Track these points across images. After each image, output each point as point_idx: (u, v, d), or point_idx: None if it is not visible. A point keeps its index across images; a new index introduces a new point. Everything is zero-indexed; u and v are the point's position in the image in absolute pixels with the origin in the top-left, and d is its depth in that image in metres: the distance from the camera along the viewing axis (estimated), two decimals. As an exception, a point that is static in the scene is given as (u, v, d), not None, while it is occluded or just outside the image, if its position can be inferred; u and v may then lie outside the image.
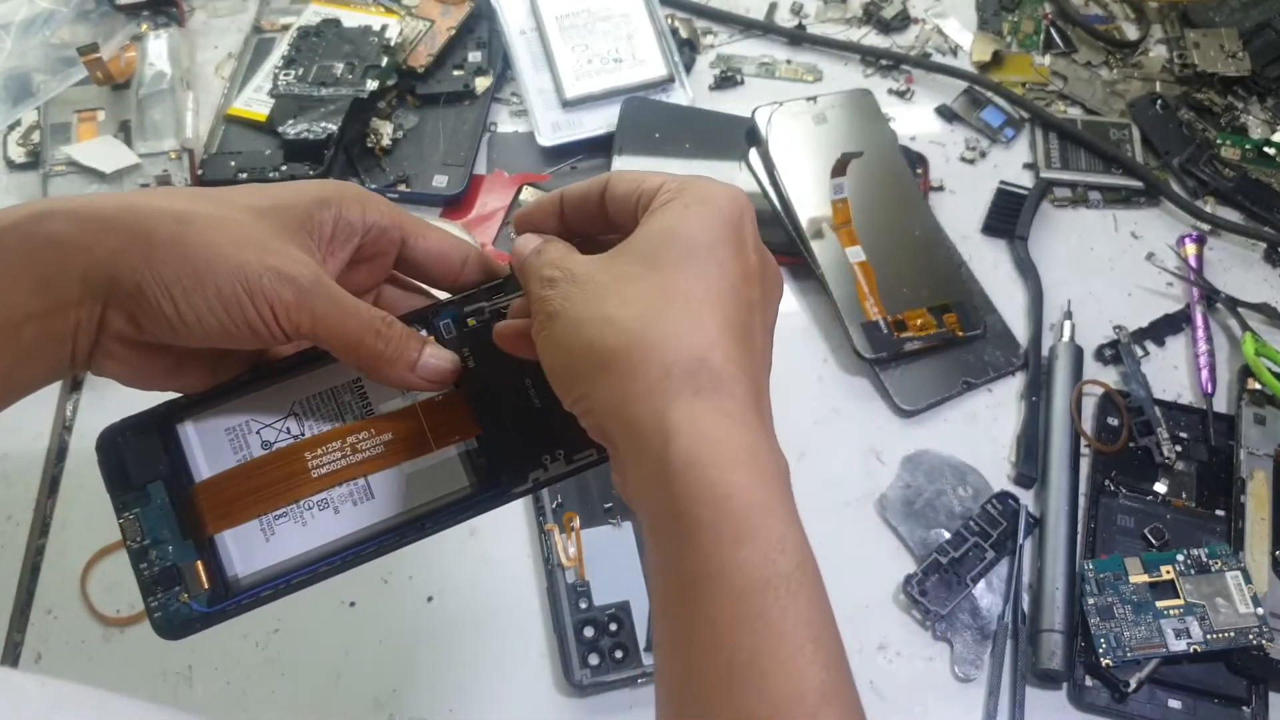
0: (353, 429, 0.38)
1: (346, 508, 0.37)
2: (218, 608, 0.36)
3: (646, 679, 0.54)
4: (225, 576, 0.37)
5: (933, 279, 0.68)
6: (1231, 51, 0.80)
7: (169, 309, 0.33)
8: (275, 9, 0.82)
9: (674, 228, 0.33)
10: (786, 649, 0.28)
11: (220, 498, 0.37)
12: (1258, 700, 0.54)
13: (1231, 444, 0.62)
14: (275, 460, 0.37)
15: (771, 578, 0.29)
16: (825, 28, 0.83)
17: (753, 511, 0.29)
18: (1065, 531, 0.58)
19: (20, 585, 0.57)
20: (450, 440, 0.38)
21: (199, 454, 0.37)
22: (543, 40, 0.77)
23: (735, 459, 0.30)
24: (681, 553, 0.30)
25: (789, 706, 0.28)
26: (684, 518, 0.29)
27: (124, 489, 0.37)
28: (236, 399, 0.38)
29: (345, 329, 0.35)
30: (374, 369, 0.36)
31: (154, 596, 0.36)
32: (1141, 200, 0.75)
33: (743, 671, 0.28)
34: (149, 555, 0.36)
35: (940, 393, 0.65)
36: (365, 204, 0.38)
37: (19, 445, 0.62)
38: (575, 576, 0.56)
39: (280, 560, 0.37)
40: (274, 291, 0.33)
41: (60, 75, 0.74)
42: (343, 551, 0.37)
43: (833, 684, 0.29)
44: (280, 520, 0.37)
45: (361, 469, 0.37)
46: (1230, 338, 0.68)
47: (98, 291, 0.33)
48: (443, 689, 0.54)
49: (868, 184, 0.70)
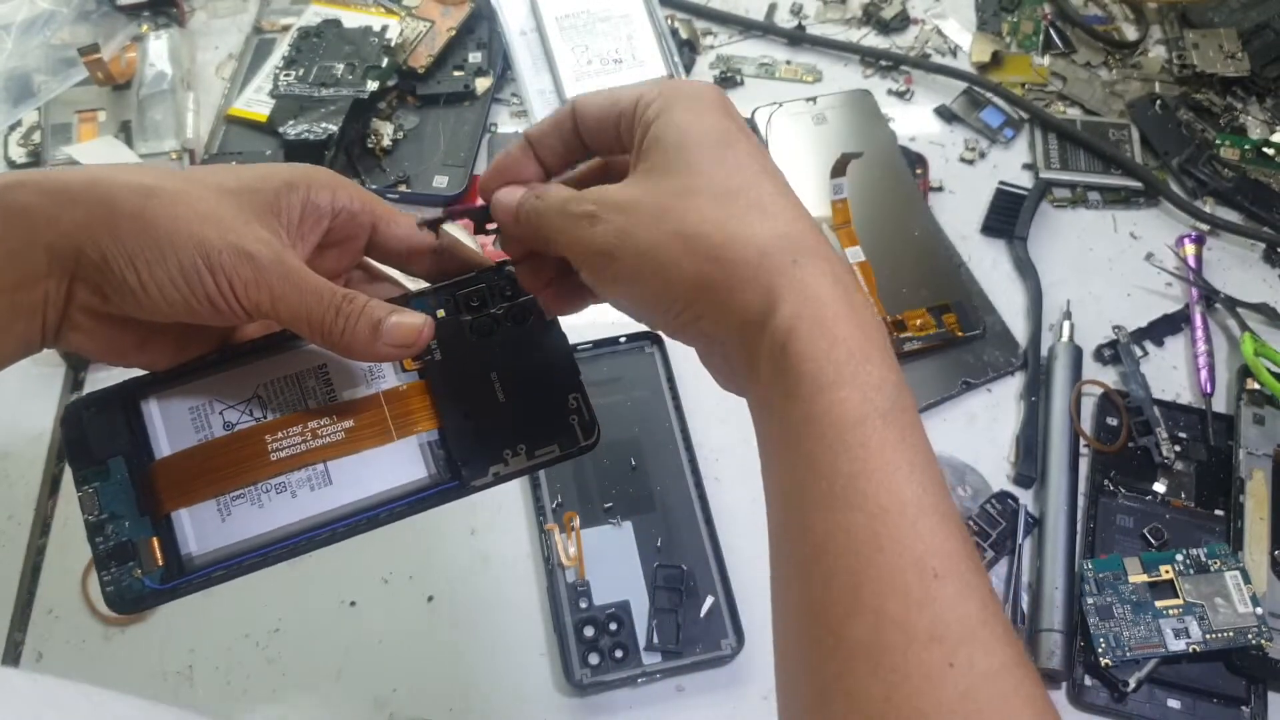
0: (314, 414, 0.38)
1: (304, 492, 0.37)
2: (169, 585, 0.36)
3: (646, 678, 0.54)
4: (179, 554, 0.37)
5: (932, 279, 0.68)
6: (1230, 52, 0.80)
7: (132, 280, 0.33)
8: (276, 9, 0.82)
9: (691, 132, 0.34)
10: (883, 470, 0.30)
11: (179, 476, 0.37)
12: (1257, 700, 0.54)
13: (1230, 444, 0.62)
14: (236, 441, 0.37)
15: (869, 413, 0.30)
16: (825, 28, 0.83)
17: (853, 358, 0.31)
18: (1064, 531, 0.58)
19: (21, 585, 0.57)
20: (412, 430, 0.38)
21: (161, 431, 0.37)
22: (543, 41, 0.78)
23: (837, 313, 0.31)
24: (787, 406, 0.31)
25: (887, 515, 0.29)
26: (790, 373, 0.31)
27: (85, 462, 0.37)
28: (202, 379, 0.38)
29: (305, 308, 0.35)
30: (335, 344, 0.36)
31: (108, 570, 0.36)
32: (1141, 200, 0.75)
33: (843, 491, 0.30)
34: (105, 529, 0.37)
35: (940, 393, 0.65)
36: (335, 188, 0.38)
37: (19, 445, 0.62)
38: (575, 576, 0.56)
39: (235, 541, 0.37)
40: (232, 268, 0.34)
41: (61, 76, 0.74)
42: (297, 536, 0.37)
43: (929, 498, 0.30)
44: (237, 501, 0.37)
45: (321, 454, 0.37)
46: (1229, 338, 0.68)
47: (65, 264, 0.33)
48: (443, 689, 0.54)
49: (867, 184, 0.70)
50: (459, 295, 0.39)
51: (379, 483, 0.38)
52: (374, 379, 0.39)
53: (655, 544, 0.57)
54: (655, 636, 0.54)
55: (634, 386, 0.62)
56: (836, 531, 0.30)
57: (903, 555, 0.29)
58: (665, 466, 0.60)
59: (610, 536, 0.57)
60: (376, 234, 0.40)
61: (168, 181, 0.35)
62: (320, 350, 0.38)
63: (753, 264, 0.32)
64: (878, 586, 0.29)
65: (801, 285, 0.31)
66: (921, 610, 0.28)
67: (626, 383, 0.62)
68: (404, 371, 0.39)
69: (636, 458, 0.60)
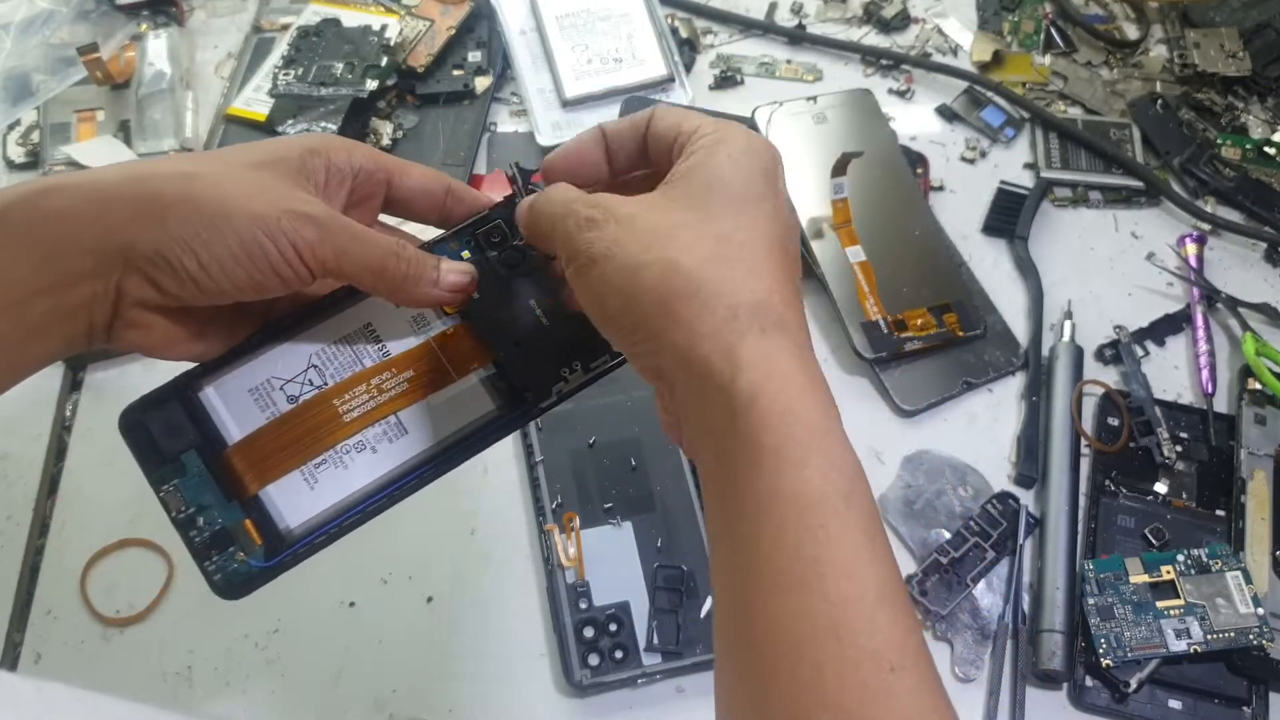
0: (375, 370, 0.39)
1: (383, 446, 0.39)
2: (275, 560, 0.37)
3: (646, 679, 0.54)
4: (277, 529, 0.37)
5: (933, 279, 0.68)
6: (1232, 51, 0.80)
7: (192, 265, 0.33)
8: (275, 9, 0.82)
9: (723, 176, 0.34)
10: (846, 555, 0.30)
11: (256, 455, 0.38)
12: (1258, 700, 0.54)
13: (1232, 444, 0.62)
14: (304, 411, 0.38)
15: (830, 494, 0.30)
16: (825, 27, 0.83)
17: (814, 434, 0.31)
18: (1065, 532, 0.58)
19: (20, 585, 0.57)
20: (469, 369, 0.39)
21: (227, 417, 0.38)
22: (542, 40, 0.77)
23: (799, 389, 0.31)
24: (746, 477, 0.31)
25: (849, 605, 0.29)
26: (750, 444, 0.31)
27: (158, 463, 0.38)
28: (252, 360, 0.39)
29: (369, 256, 0.36)
30: (399, 290, 0.37)
31: (209, 560, 0.37)
32: (1142, 200, 0.75)
33: (804, 576, 0.30)
34: (196, 522, 0.37)
35: (940, 393, 0.65)
36: (350, 149, 0.38)
37: (19, 445, 0.62)
38: (575, 576, 0.56)
39: (328, 506, 0.38)
40: (295, 231, 0.34)
41: (60, 75, 0.74)
42: (387, 487, 0.38)
43: (888, 587, 0.30)
44: (321, 467, 0.38)
45: (391, 406, 0.39)
46: (1230, 338, 0.68)
47: (112, 262, 0.33)
48: (443, 689, 0.54)
49: (868, 184, 0.69)
50: (478, 234, 0.40)
51: (451, 423, 0.39)
52: (421, 329, 0.40)
53: (655, 544, 0.57)
54: (655, 637, 0.54)
55: (634, 386, 0.62)
56: (795, 617, 0.29)
57: (861, 647, 0.29)
58: (665, 466, 0.60)
59: (610, 537, 0.57)
60: (391, 189, 0.40)
61: (204, 165, 0.35)
62: (362, 309, 0.39)
63: (720, 320, 0.32)
64: (839, 679, 0.29)
65: (765, 356, 0.31)
66: (878, 704, 0.28)
67: (626, 383, 0.62)
68: (447, 317, 0.40)
69: (636, 458, 0.60)
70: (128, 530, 0.58)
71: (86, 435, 0.62)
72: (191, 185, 0.34)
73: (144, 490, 0.59)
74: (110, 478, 0.60)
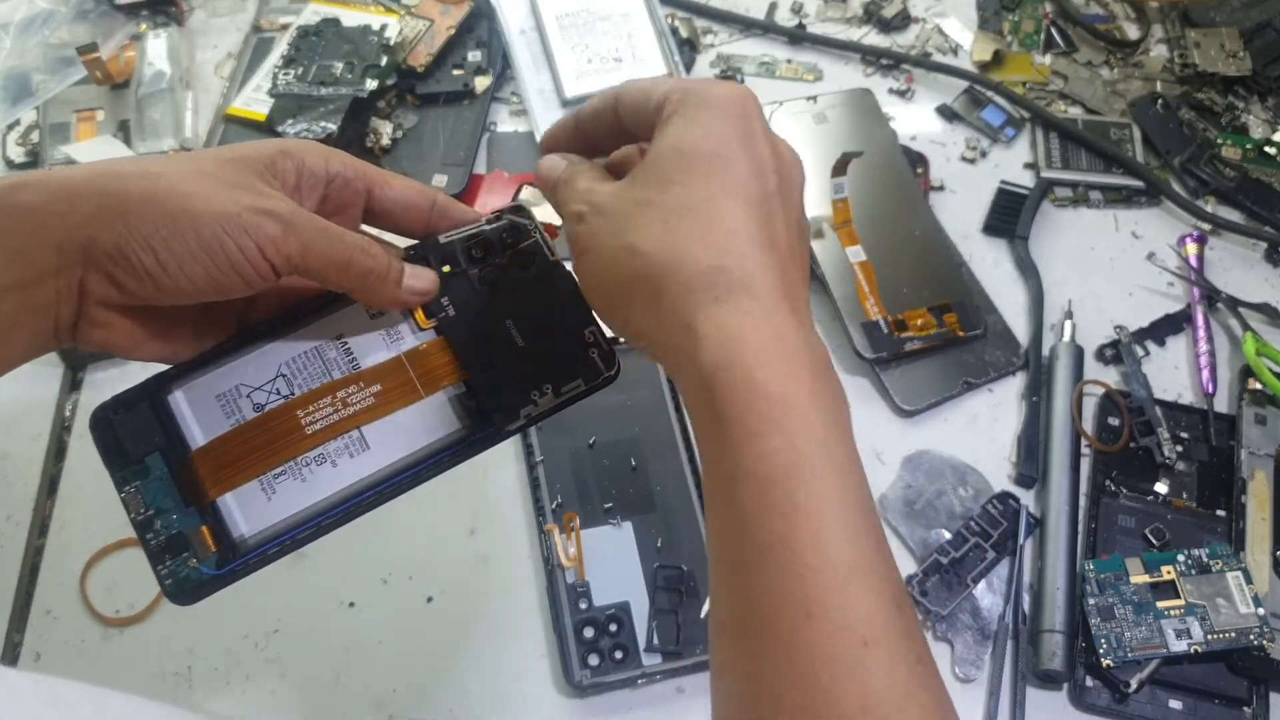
0: (341, 383, 0.38)
1: (344, 460, 0.38)
2: (227, 569, 0.37)
3: (646, 679, 0.54)
4: (231, 538, 0.37)
5: (933, 279, 0.68)
6: (1232, 51, 0.80)
7: (150, 263, 0.33)
8: (275, 8, 0.82)
9: (680, 142, 0.34)
10: (813, 528, 0.29)
11: (218, 462, 0.37)
12: (1258, 701, 0.54)
13: (1232, 444, 0.62)
14: (269, 420, 0.38)
15: (798, 464, 0.29)
16: (825, 27, 0.83)
17: (775, 404, 0.30)
18: (1066, 532, 0.58)
19: (19, 585, 0.57)
20: (438, 385, 0.39)
21: (192, 422, 0.38)
22: (542, 40, 0.77)
23: (758, 357, 0.30)
24: (720, 452, 0.31)
25: (818, 578, 0.29)
26: (719, 418, 0.30)
27: (122, 464, 0.38)
28: (222, 365, 0.38)
29: (335, 251, 0.35)
30: (366, 287, 0.37)
31: (163, 564, 0.37)
32: (1142, 200, 0.75)
33: (773, 553, 0.29)
34: (154, 525, 0.37)
35: (940, 393, 0.65)
36: (326, 155, 0.38)
37: (19, 445, 0.62)
38: (575, 577, 0.56)
39: (284, 517, 0.37)
40: (257, 228, 0.33)
41: (59, 75, 0.74)
42: (345, 503, 0.38)
43: (862, 557, 0.29)
44: (280, 479, 0.38)
45: (354, 421, 0.38)
46: (1231, 338, 0.68)
47: (75, 258, 0.33)
48: (443, 689, 0.54)
49: (868, 183, 0.69)
50: (461, 248, 0.40)
51: (415, 440, 0.38)
52: (393, 342, 0.39)
53: (655, 544, 0.57)
54: (655, 637, 0.54)
55: (634, 386, 0.62)
56: (765, 593, 0.29)
57: (834, 621, 0.28)
58: (665, 466, 0.59)
59: (610, 537, 0.57)
60: (373, 199, 0.40)
61: (172, 165, 0.35)
62: (335, 320, 0.39)
63: (676, 296, 0.31)
64: (810, 653, 0.28)
65: (720, 325, 0.31)
66: (851, 678, 0.28)
67: (626, 383, 0.62)
68: (421, 331, 0.39)
69: (636, 458, 0.60)
70: (128, 530, 0.57)
71: (86, 435, 0.62)
72: (155, 183, 0.33)
73: (144, 490, 0.59)
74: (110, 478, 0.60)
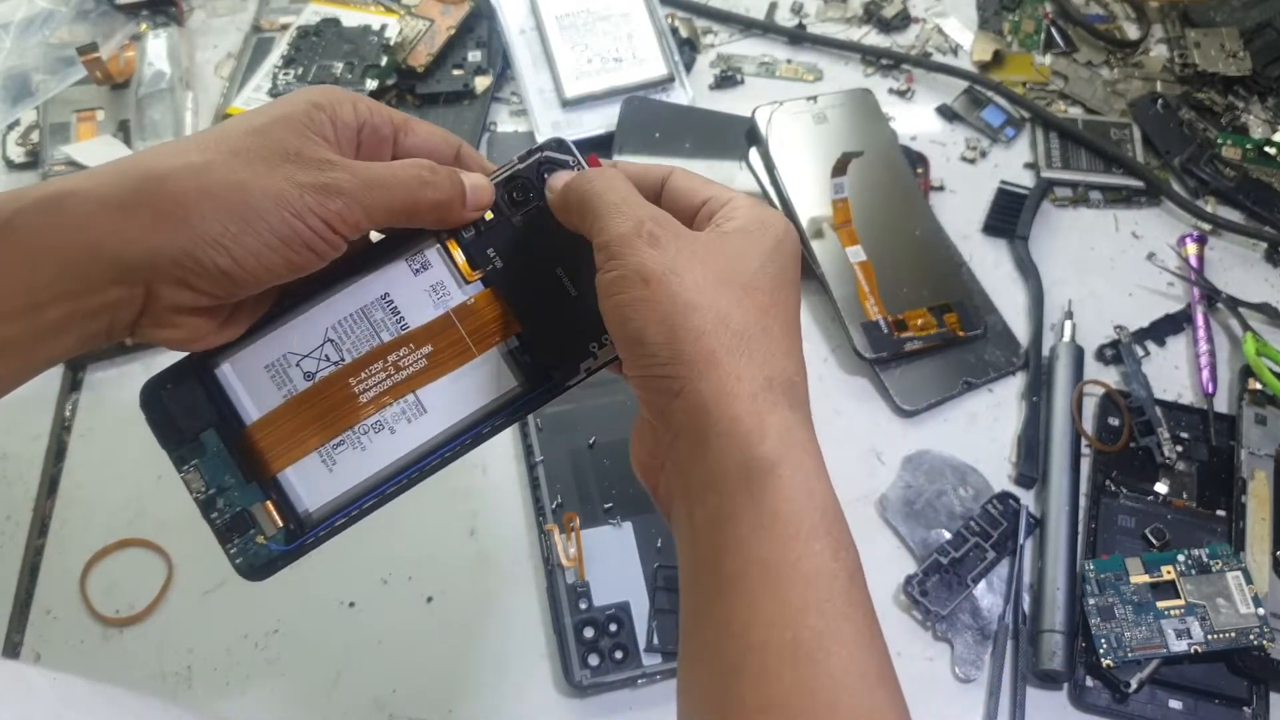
0: (392, 346, 0.38)
1: (402, 426, 0.37)
2: (295, 544, 0.37)
3: (646, 679, 0.54)
4: (297, 513, 0.37)
5: (933, 279, 0.68)
6: (1232, 51, 0.80)
7: (224, 262, 0.33)
8: (275, 8, 0.82)
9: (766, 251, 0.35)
10: (850, 632, 0.31)
11: (275, 436, 0.37)
12: (1258, 701, 0.54)
13: (1232, 444, 0.62)
14: (321, 390, 0.37)
15: (839, 572, 0.31)
16: (825, 27, 0.83)
17: (826, 515, 0.32)
18: (1066, 532, 0.58)
19: (19, 585, 0.57)
20: (491, 342, 0.38)
21: (244, 395, 0.37)
22: (542, 40, 0.77)
23: (817, 470, 0.33)
24: (751, 540, 0.31)
25: (852, 681, 0.30)
26: (764, 509, 0.31)
27: (177, 442, 0.37)
28: (267, 334, 0.37)
29: (397, 200, 0.35)
30: (437, 220, 0.37)
31: (231, 543, 0.37)
32: (1142, 200, 0.75)
33: (809, 649, 0.30)
34: (217, 503, 0.37)
35: (940, 393, 0.65)
36: (354, 100, 0.38)
37: (19, 445, 0.62)
38: (575, 577, 0.56)
39: (347, 488, 0.37)
40: (320, 205, 0.33)
41: (59, 75, 0.74)
42: (406, 469, 0.37)
43: (887, 667, 0.31)
44: (339, 449, 0.37)
45: (409, 385, 0.37)
46: (1231, 338, 0.68)
47: (137, 270, 0.32)
48: (443, 689, 0.54)
49: (868, 184, 0.69)
50: (501, 191, 0.39)
51: (472, 401, 0.38)
52: (440, 298, 0.38)
53: (655, 544, 0.57)
54: (655, 637, 0.54)
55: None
56: (795, 691, 0.29)
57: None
58: (665, 467, 0.59)
59: (610, 537, 0.57)
60: (398, 145, 0.39)
61: (210, 149, 0.34)
62: (379, 279, 0.38)
63: (757, 385, 0.33)
64: None
65: (789, 429, 0.33)
66: None
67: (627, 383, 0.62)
68: (468, 284, 0.38)
69: (637, 458, 0.60)
70: (128, 530, 0.58)
71: (86, 435, 0.62)
72: (205, 178, 0.33)
73: (144, 490, 0.60)
74: (110, 478, 0.60)
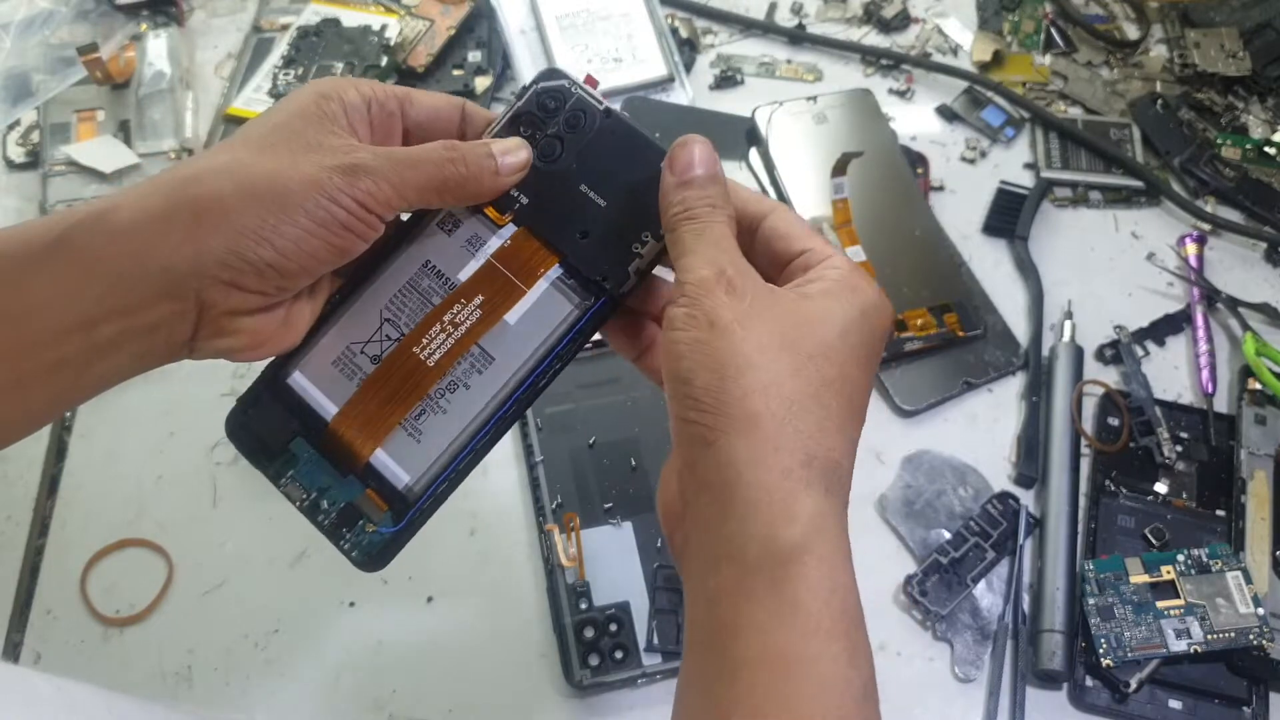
0: (445, 307, 0.38)
1: (474, 379, 0.38)
2: (405, 521, 0.38)
3: (646, 679, 0.54)
4: (398, 491, 0.38)
5: (933, 279, 0.68)
6: (1232, 51, 0.80)
7: (269, 254, 0.33)
8: (275, 9, 0.82)
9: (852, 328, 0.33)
10: None
11: (357, 423, 0.38)
12: (1258, 701, 0.54)
13: (1232, 444, 0.62)
14: (389, 368, 0.38)
15: (853, 678, 0.30)
16: (825, 27, 0.83)
17: (846, 615, 0.31)
18: (1065, 532, 0.58)
19: (20, 585, 0.57)
20: (536, 275, 0.38)
21: (319, 395, 0.38)
22: (543, 40, 0.77)
23: (844, 563, 0.31)
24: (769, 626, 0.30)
25: None
26: (785, 597, 0.30)
27: (269, 460, 0.38)
28: (328, 332, 0.39)
29: (426, 178, 0.36)
30: (469, 194, 0.37)
31: (343, 539, 0.38)
32: (1142, 200, 0.75)
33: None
34: (320, 506, 0.38)
35: (940, 393, 0.65)
36: (356, 84, 0.38)
37: (19, 445, 0.61)
38: (575, 577, 0.56)
39: (439, 453, 0.38)
40: (350, 186, 0.34)
41: (60, 75, 0.74)
42: (490, 420, 0.38)
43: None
44: (421, 418, 0.38)
45: (470, 338, 0.38)
46: (1231, 338, 0.68)
47: (186, 279, 0.33)
48: (443, 689, 0.54)
49: (868, 184, 0.70)
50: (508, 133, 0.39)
51: (534, 336, 0.38)
52: (478, 250, 0.39)
53: (655, 544, 0.57)
54: (655, 637, 0.54)
55: (634, 387, 0.62)
56: None
57: None
58: (665, 467, 0.59)
59: (610, 537, 0.57)
60: (405, 118, 0.39)
61: (238, 150, 0.34)
62: (417, 249, 0.39)
63: (795, 460, 0.31)
64: None
65: (821, 515, 0.31)
66: None
67: (626, 383, 0.62)
68: (500, 229, 0.39)
69: (636, 458, 0.60)
70: (128, 530, 0.58)
71: (86, 435, 0.62)
72: (238, 175, 0.33)
73: (144, 490, 0.60)
74: (110, 478, 0.60)
